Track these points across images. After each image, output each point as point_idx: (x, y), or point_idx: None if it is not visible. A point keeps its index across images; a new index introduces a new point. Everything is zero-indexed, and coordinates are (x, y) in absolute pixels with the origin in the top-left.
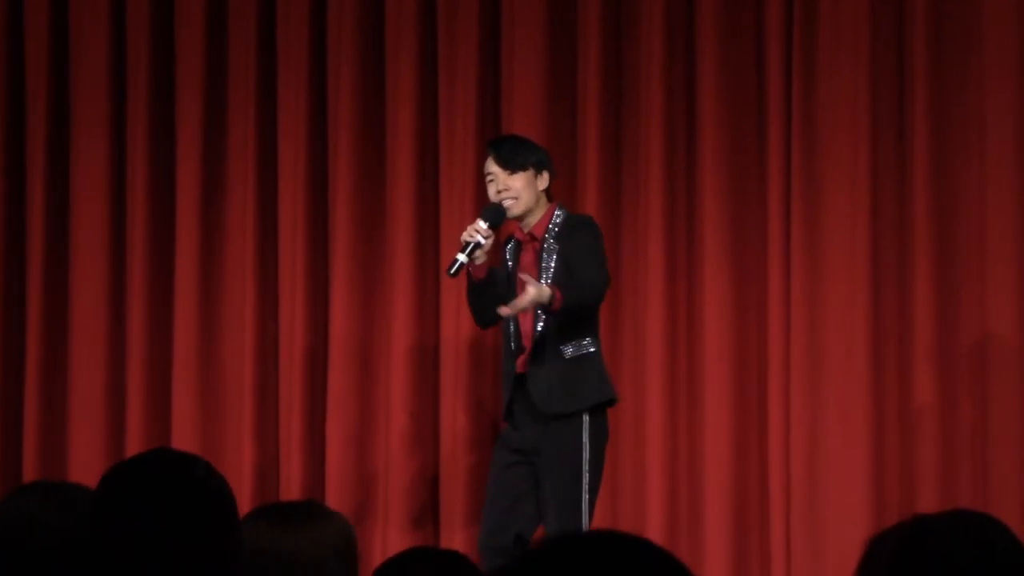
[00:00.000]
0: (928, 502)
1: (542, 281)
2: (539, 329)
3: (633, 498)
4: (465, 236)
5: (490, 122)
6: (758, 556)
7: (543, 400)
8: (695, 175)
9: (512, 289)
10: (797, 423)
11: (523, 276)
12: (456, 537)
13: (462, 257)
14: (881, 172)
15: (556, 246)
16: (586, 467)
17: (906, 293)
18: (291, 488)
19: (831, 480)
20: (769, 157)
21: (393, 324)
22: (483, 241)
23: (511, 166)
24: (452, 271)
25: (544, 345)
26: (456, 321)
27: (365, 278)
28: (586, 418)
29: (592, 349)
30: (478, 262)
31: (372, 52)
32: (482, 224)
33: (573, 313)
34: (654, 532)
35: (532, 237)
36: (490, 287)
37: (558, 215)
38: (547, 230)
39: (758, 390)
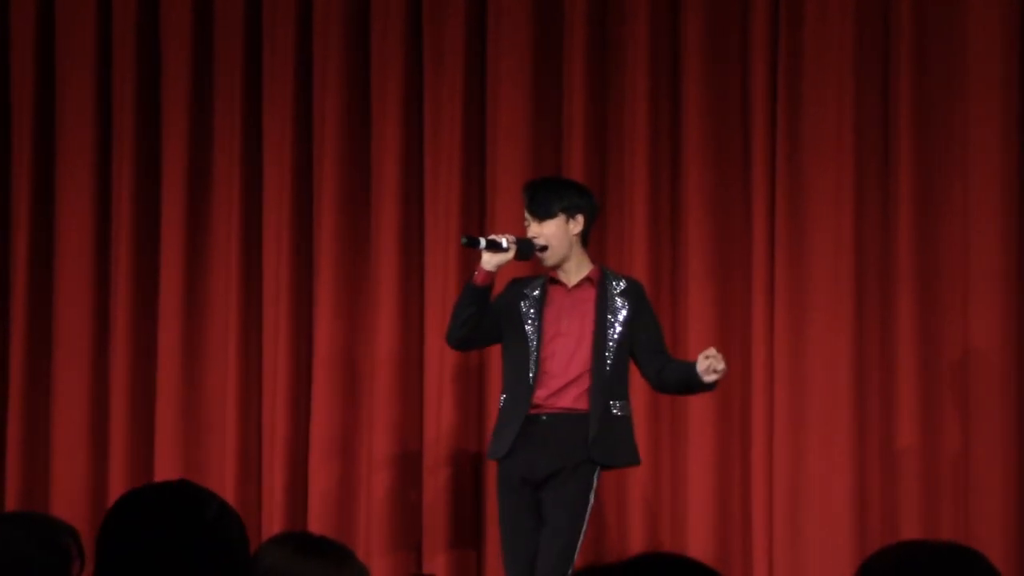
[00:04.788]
0: (910, 529)
1: (611, 334)
2: (597, 378)
3: (616, 526)
4: (496, 236)
5: (475, 141)
6: None
7: (591, 448)
8: (679, 203)
9: (517, 332)
10: (780, 450)
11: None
12: (439, 558)
13: (482, 241)
14: (865, 200)
15: (626, 303)
16: (585, 522)
17: (889, 321)
18: (273, 505)
19: (814, 508)
20: (753, 184)
21: (377, 340)
22: (504, 245)
23: (539, 214)
24: (465, 241)
25: (595, 395)
26: (441, 344)
27: (349, 294)
28: (596, 477)
29: (629, 412)
30: (487, 268)
31: (358, 76)
32: (510, 237)
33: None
34: None
35: (581, 283)
36: (484, 302)
37: (609, 273)
38: (598, 282)
39: (741, 418)
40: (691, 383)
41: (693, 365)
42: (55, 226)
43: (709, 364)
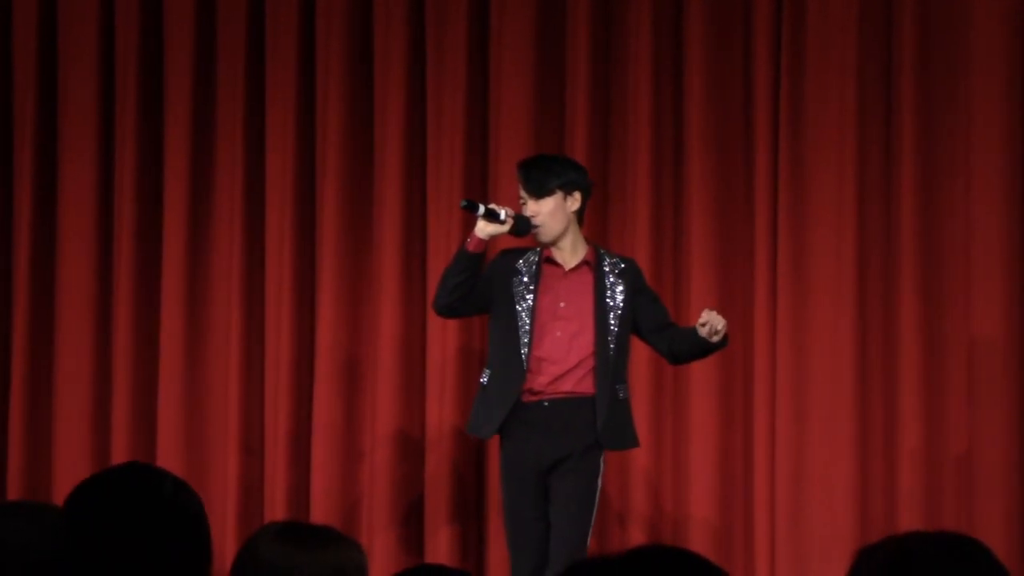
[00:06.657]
0: (912, 517)
1: (612, 317)
2: (602, 363)
3: (618, 511)
4: (496, 206)
5: (478, 132)
6: (743, 572)
7: (601, 433)
8: (682, 193)
9: (508, 310)
10: (782, 437)
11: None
12: (441, 544)
13: (481, 208)
14: (868, 190)
15: (623, 284)
16: (596, 505)
17: (892, 309)
18: (276, 500)
19: (816, 496)
20: (756, 175)
21: (380, 333)
22: (501, 217)
23: (536, 192)
24: (464, 204)
25: (601, 380)
26: (443, 329)
27: (352, 288)
28: (602, 460)
29: (628, 394)
30: (480, 235)
31: (360, 68)
32: (509, 211)
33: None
34: None
35: (579, 267)
36: (476, 269)
37: (604, 253)
38: (595, 265)
39: (743, 406)
40: (702, 348)
41: (696, 331)
42: (58, 216)
43: (708, 329)
